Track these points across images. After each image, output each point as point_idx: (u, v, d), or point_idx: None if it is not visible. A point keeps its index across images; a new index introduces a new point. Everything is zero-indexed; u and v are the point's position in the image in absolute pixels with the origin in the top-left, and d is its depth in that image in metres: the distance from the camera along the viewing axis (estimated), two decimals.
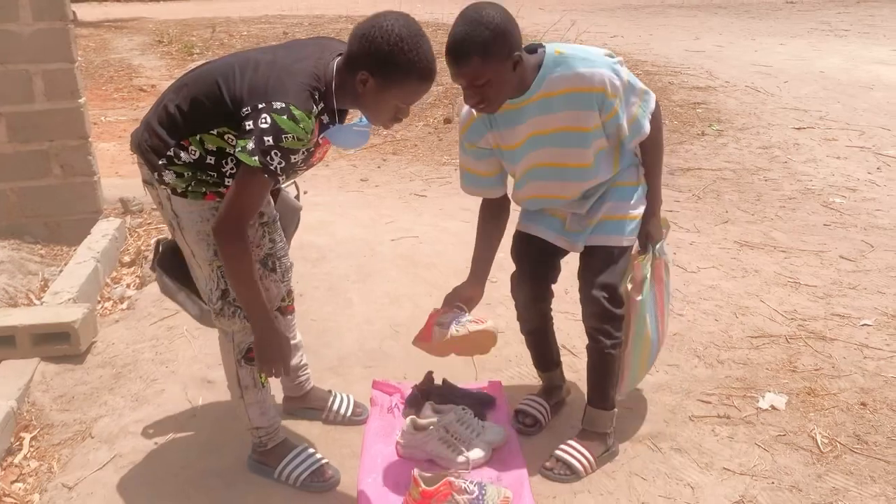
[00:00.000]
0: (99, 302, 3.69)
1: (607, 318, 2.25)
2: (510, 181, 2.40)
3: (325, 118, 1.96)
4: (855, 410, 2.58)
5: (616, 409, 2.37)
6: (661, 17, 15.52)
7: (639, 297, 2.32)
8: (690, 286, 3.51)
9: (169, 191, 2.00)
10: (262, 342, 2.01)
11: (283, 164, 1.79)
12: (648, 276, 2.34)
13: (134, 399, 2.74)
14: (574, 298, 2.39)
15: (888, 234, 4.10)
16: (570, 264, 2.40)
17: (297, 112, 1.78)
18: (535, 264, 2.42)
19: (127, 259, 4.17)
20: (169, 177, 1.97)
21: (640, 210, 2.33)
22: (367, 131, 2.08)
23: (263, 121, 1.78)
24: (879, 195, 4.70)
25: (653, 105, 2.24)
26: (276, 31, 13.37)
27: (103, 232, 4.17)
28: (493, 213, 2.39)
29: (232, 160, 1.97)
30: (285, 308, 2.45)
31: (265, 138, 1.77)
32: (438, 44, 2.10)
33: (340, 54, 1.95)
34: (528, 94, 2.11)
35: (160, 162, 1.97)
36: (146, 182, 2.08)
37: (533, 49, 2.15)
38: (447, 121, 6.68)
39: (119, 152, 6.06)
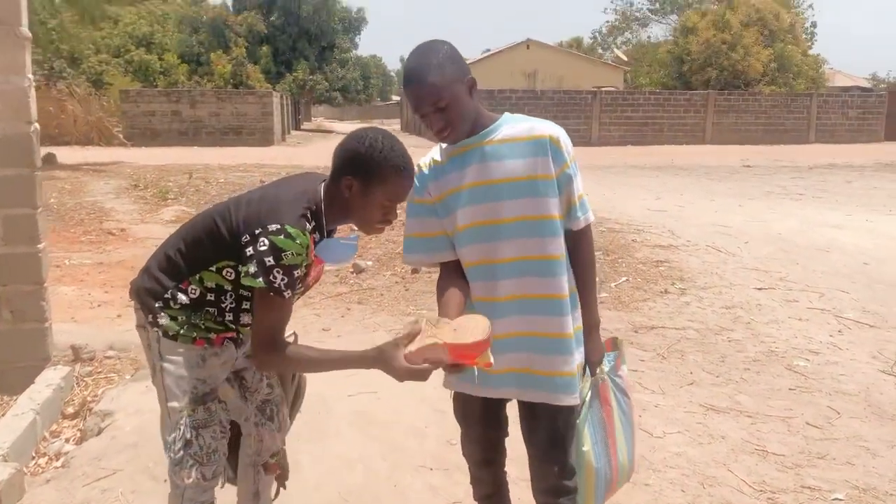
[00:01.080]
0: (33, 458, 3.47)
1: (562, 492, 2.13)
2: None
3: (317, 236, 2.05)
4: None
5: None
6: (624, 176, 16.21)
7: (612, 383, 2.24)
8: (656, 452, 3.39)
9: (160, 333, 2.07)
10: (386, 369, 1.99)
11: (286, 281, 1.90)
12: (588, 398, 2.23)
13: None
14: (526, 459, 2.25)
15: (853, 400, 4.06)
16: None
17: (292, 230, 1.90)
18: (480, 425, 2.32)
19: (70, 410, 3.97)
20: (163, 319, 2.06)
21: (579, 357, 2.18)
22: (354, 244, 2.18)
23: (262, 244, 1.91)
24: (842, 359, 4.70)
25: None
26: (252, 179, 13.67)
27: (48, 381, 3.99)
28: (451, 283, 2.16)
29: (231, 295, 2.08)
30: (270, 465, 2.42)
31: (266, 259, 1.89)
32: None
33: (325, 181, 2.09)
34: (481, 136, 2.11)
35: (157, 304, 2.07)
36: (139, 326, 2.14)
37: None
38: (414, 271, 6.71)
39: (77, 297, 5.95)
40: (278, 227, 1.91)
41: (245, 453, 2.39)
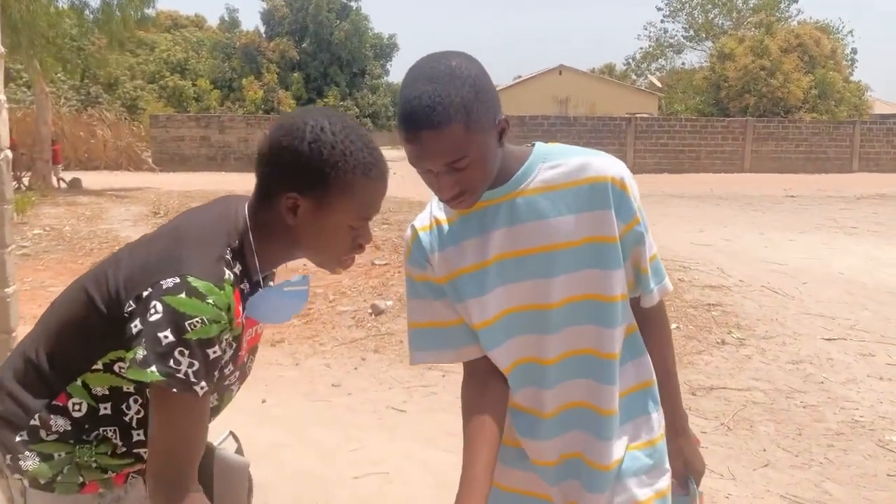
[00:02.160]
0: None
1: None
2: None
3: (246, 286, 1.37)
4: None
5: None
6: (662, 206, 15.46)
7: None
8: None
9: (26, 482, 1.33)
10: None
11: (196, 367, 1.21)
12: None
13: None
14: None
15: None
16: None
17: (197, 283, 1.22)
18: None
19: None
20: (29, 462, 1.32)
21: (668, 476, 1.56)
22: (304, 290, 1.47)
23: (153, 312, 1.21)
24: None
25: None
26: None
27: None
28: (478, 392, 1.48)
29: (136, 400, 1.34)
30: None
31: (160, 335, 1.20)
32: None
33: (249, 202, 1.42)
34: (510, 185, 1.42)
35: (17, 439, 1.32)
36: None
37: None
38: None
39: None
40: (176, 281, 1.22)
41: None
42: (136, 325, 1.22)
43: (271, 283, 1.50)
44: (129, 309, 1.25)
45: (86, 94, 31.09)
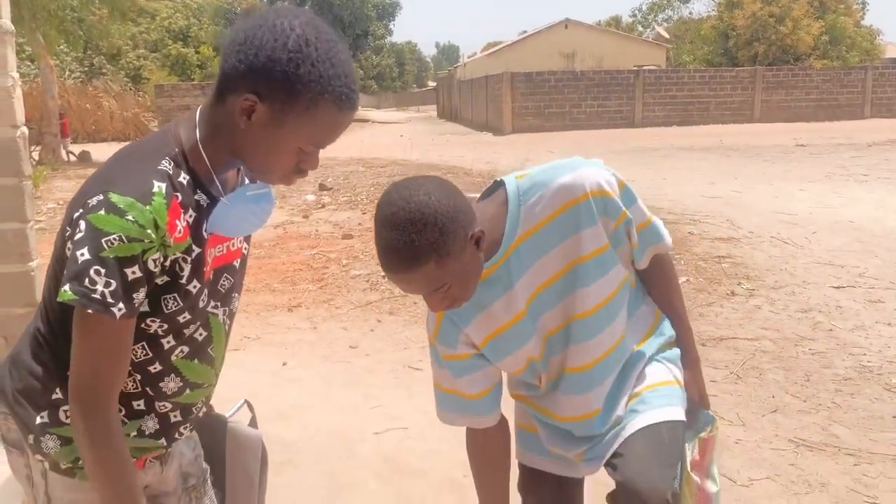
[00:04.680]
0: None
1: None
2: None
3: (203, 199, 1.30)
4: None
5: None
6: (672, 159, 15.40)
7: (714, 487, 1.69)
8: None
9: (47, 464, 1.34)
10: None
11: (113, 288, 1.15)
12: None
13: None
14: None
15: None
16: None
17: (117, 199, 1.16)
18: (556, 500, 1.80)
19: None
20: (50, 443, 1.32)
21: (680, 372, 1.74)
22: (267, 192, 1.38)
23: (78, 230, 1.17)
24: None
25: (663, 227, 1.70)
26: None
27: None
28: (489, 453, 1.75)
29: (174, 326, 1.32)
30: None
31: (78, 254, 1.15)
32: None
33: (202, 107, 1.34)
34: (504, 247, 1.55)
35: (38, 420, 1.31)
36: (7, 442, 1.39)
37: (489, 192, 1.61)
38: None
39: None
40: (99, 198, 1.16)
41: None
42: (69, 248, 1.19)
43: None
44: (67, 234, 1.22)
45: (89, 65, 31.01)
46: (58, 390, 1.31)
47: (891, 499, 2.87)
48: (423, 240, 1.35)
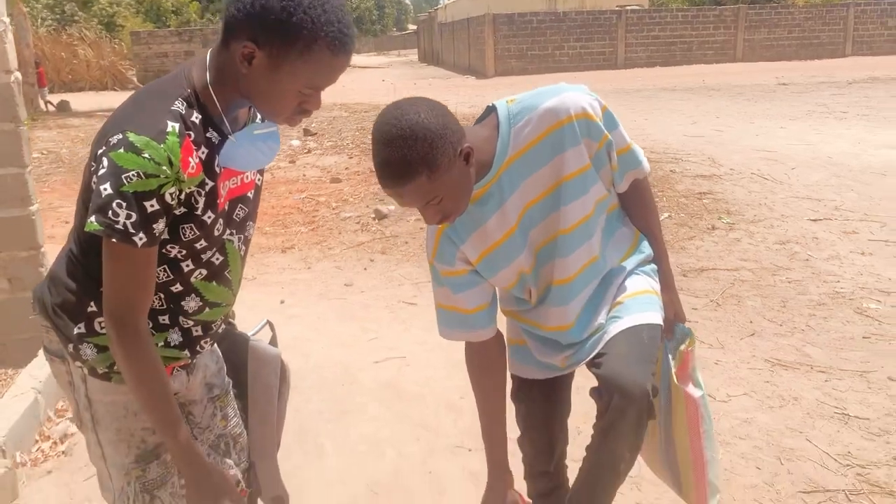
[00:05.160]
0: (36, 441, 3.18)
1: (641, 417, 1.63)
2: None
3: (214, 136, 1.41)
4: None
5: None
6: (655, 100, 15.45)
7: (698, 392, 1.84)
8: (723, 420, 3.00)
9: (86, 370, 1.48)
10: (191, 482, 1.46)
11: (134, 219, 1.27)
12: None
13: None
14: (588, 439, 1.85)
15: None
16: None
17: (135, 138, 1.27)
18: (546, 407, 1.97)
19: None
20: (87, 351, 1.45)
21: (657, 284, 1.88)
22: (275, 131, 1.50)
23: (102, 167, 1.28)
24: None
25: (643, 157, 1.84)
26: None
27: None
28: (487, 365, 1.90)
29: (192, 252, 1.45)
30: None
31: (102, 188, 1.27)
32: None
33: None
34: (496, 167, 1.67)
35: (76, 330, 1.45)
36: (50, 352, 1.54)
37: (482, 117, 1.74)
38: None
39: None
40: (119, 137, 1.27)
41: None
42: (94, 182, 1.31)
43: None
44: (92, 169, 1.34)
45: (60, 12, 30.19)
46: (92, 304, 1.44)
47: (857, 409, 3.08)
48: (414, 154, 1.46)
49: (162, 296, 1.48)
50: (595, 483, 1.75)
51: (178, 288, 1.49)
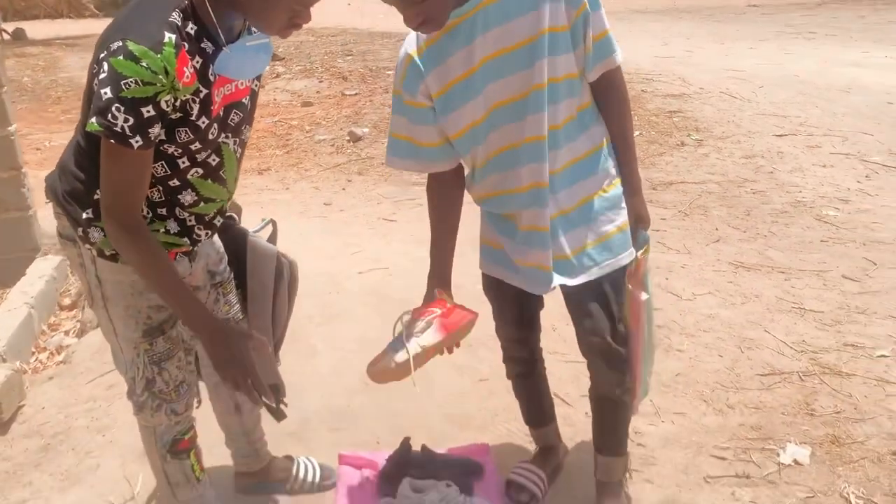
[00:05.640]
0: (33, 353, 3.30)
1: (614, 362, 1.92)
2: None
3: (208, 46, 1.48)
4: (887, 462, 2.29)
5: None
6: (626, 23, 15.36)
7: (645, 296, 1.96)
8: (687, 316, 3.21)
9: (94, 252, 1.60)
10: (211, 345, 1.58)
11: (131, 122, 1.37)
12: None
13: (64, 477, 2.37)
14: (563, 336, 2.05)
15: (890, 249, 3.85)
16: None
17: (134, 47, 1.34)
18: (516, 306, 2.08)
19: (67, 301, 3.77)
20: (95, 234, 1.57)
21: (624, 213, 1.90)
22: (266, 42, 1.58)
23: (102, 71, 1.37)
24: (873, 206, 4.46)
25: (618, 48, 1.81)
26: None
27: (40, 273, 3.76)
28: (444, 192, 1.94)
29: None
30: None
31: (102, 92, 1.36)
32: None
33: None
34: (474, 2, 1.66)
35: (84, 215, 1.56)
36: (63, 237, 1.67)
37: None
38: None
39: None
40: (119, 44, 1.35)
41: (208, 373, 1.96)
42: (95, 84, 1.40)
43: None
44: (94, 71, 1.42)
45: None
46: (97, 191, 1.53)
47: (812, 304, 3.31)
48: None
49: (160, 189, 1.59)
50: (604, 422, 2.06)
51: (175, 183, 1.60)
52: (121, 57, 1.34)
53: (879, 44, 10.49)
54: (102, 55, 1.38)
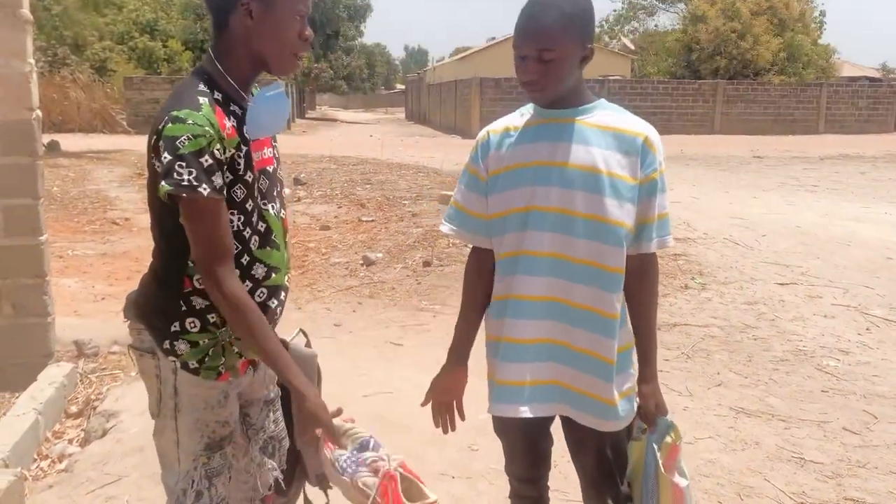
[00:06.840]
0: (35, 460, 3.32)
1: None
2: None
3: (236, 108, 1.69)
4: None
5: None
6: None
7: (685, 482, 1.91)
8: (689, 460, 3.20)
9: (178, 364, 1.71)
10: (306, 400, 1.70)
11: (194, 172, 1.53)
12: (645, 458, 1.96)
13: None
14: (563, 472, 2.07)
15: (890, 403, 3.88)
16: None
17: (179, 114, 1.56)
18: (525, 439, 2.10)
19: (74, 409, 3.82)
20: (182, 346, 1.69)
21: (631, 383, 1.94)
22: (280, 92, 1.77)
23: (161, 147, 1.56)
24: (873, 359, 4.52)
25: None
26: None
27: (50, 379, 3.83)
28: (480, 268, 2.00)
29: (247, 218, 1.71)
30: (266, 497, 2.04)
31: (163, 158, 1.54)
32: None
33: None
34: (576, 111, 1.84)
35: (173, 328, 1.69)
36: (140, 350, 1.77)
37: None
38: (426, 264, 6.54)
39: (80, 290, 5.79)
40: (165, 119, 1.57)
41: (240, 489, 1.99)
42: (155, 162, 1.57)
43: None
44: (152, 156, 1.59)
45: (52, 55, 30.61)
46: (181, 303, 1.68)
47: (813, 454, 3.32)
48: (568, 7, 1.73)
49: (237, 272, 1.70)
50: None
51: (246, 259, 1.73)
52: (170, 124, 1.55)
53: (880, 200, 10.86)
54: (154, 139, 1.57)
